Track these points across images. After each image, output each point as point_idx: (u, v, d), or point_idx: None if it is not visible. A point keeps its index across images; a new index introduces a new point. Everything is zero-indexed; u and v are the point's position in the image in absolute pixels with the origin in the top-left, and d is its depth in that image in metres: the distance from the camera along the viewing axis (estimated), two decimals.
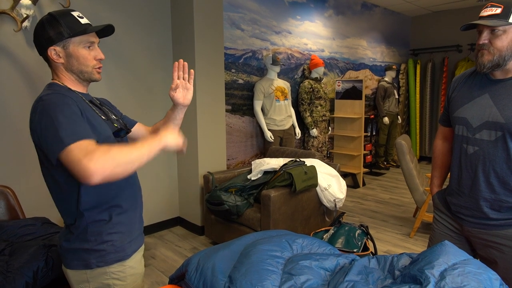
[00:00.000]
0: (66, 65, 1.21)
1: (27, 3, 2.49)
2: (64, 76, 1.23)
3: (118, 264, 1.23)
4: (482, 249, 1.52)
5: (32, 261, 1.69)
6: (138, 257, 1.31)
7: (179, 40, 3.42)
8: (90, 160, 0.97)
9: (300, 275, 1.10)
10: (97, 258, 1.19)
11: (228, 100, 3.88)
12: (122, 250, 1.23)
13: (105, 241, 1.20)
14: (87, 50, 1.22)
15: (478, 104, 1.44)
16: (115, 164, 1.00)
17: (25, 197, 2.60)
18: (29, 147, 2.65)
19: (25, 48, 2.62)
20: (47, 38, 1.18)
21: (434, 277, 0.94)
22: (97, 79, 1.26)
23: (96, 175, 0.97)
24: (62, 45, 1.19)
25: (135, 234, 1.30)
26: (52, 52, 1.19)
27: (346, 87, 5.22)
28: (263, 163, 3.19)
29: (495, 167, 1.40)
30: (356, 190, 5.08)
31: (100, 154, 0.98)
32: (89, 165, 0.96)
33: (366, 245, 2.40)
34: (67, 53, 1.19)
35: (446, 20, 6.49)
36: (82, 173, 0.97)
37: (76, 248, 1.19)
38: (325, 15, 5.08)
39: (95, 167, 0.96)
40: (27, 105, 2.64)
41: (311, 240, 1.33)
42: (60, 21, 1.18)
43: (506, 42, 1.32)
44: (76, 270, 1.21)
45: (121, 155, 1.02)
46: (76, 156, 0.99)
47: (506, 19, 1.30)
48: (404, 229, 3.67)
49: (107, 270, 1.21)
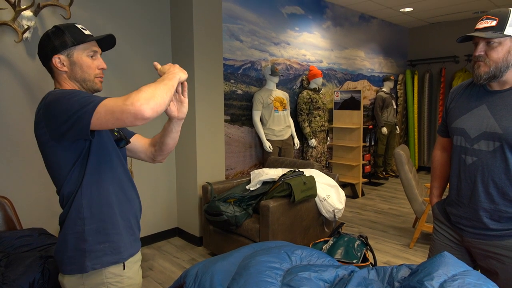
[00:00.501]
0: (69, 73, 1.23)
1: (29, 15, 2.52)
2: (67, 84, 1.25)
3: (115, 273, 1.21)
4: (483, 260, 1.51)
5: (28, 272, 1.68)
6: (136, 268, 1.30)
7: (178, 50, 3.45)
8: (129, 99, 0.98)
9: (299, 287, 1.09)
10: (92, 260, 1.18)
11: (227, 110, 3.90)
12: (118, 252, 1.23)
13: (102, 241, 1.19)
14: (90, 59, 1.25)
15: (476, 115, 1.45)
16: (152, 95, 1.00)
17: (23, 208, 2.58)
18: (28, 157, 2.65)
19: (25, 59, 2.63)
20: (52, 47, 1.21)
21: None
22: (98, 88, 1.29)
23: (145, 108, 0.97)
24: (67, 53, 1.22)
25: (132, 238, 1.30)
26: (56, 61, 1.21)
27: (344, 98, 5.25)
28: (262, 173, 3.19)
29: (494, 178, 1.41)
30: (355, 200, 5.07)
31: (135, 92, 1.00)
32: (133, 102, 0.97)
33: (365, 256, 2.38)
34: (71, 61, 1.22)
35: (443, 32, 6.56)
36: (132, 112, 0.97)
37: (72, 249, 1.18)
38: (323, 27, 5.13)
39: (139, 101, 0.97)
40: (27, 115, 2.65)
41: (310, 251, 1.32)
42: (64, 31, 1.22)
43: (502, 53, 1.34)
44: (72, 276, 1.19)
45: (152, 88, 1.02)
46: (114, 104, 1.00)
47: (501, 31, 1.32)
48: (404, 239, 3.65)
49: (104, 279, 1.20)
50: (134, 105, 0.97)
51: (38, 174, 2.67)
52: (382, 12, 5.78)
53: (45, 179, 2.58)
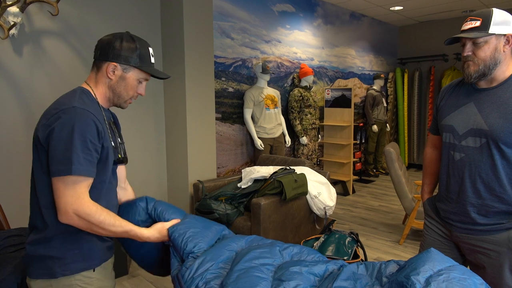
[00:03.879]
0: (113, 83, 1.24)
1: (15, 11, 2.47)
2: (102, 89, 1.25)
3: (84, 275, 1.18)
4: (470, 254, 1.53)
5: (16, 272, 1.65)
6: (107, 271, 1.27)
7: (169, 48, 3.42)
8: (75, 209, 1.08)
9: (289, 281, 1.11)
10: (62, 266, 1.15)
11: (218, 108, 3.88)
12: (89, 259, 1.20)
13: (72, 248, 1.16)
14: (137, 83, 1.28)
15: (464, 112, 1.48)
16: (90, 228, 1.12)
17: (10, 208, 2.54)
18: (15, 157, 2.61)
19: (12, 56, 2.58)
20: (117, 54, 1.21)
21: (420, 283, 0.95)
22: (124, 107, 1.31)
23: (68, 221, 1.10)
24: (124, 68, 1.23)
25: (106, 244, 1.26)
26: (110, 67, 1.22)
27: (335, 96, 5.27)
28: (253, 171, 3.19)
29: (481, 173, 1.44)
30: (346, 198, 5.10)
31: (85, 212, 1.09)
32: (70, 213, 1.08)
33: (356, 252, 2.40)
34: (123, 76, 1.24)
35: (432, 30, 6.64)
36: (61, 210, 1.08)
37: (41, 255, 1.15)
38: (314, 25, 5.15)
39: (72, 218, 1.09)
40: (14, 115, 2.60)
41: (300, 249, 1.35)
42: (137, 48, 1.24)
43: (489, 52, 1.38)
44: (40, 280, 1.16)
45: (101, 226, 1.13)
46: (67, 193, 1.08)
47: (485, 30, 1.37)
48: (394, 236, 3.69)
49: (73, 281, 1.16)
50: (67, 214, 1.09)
51: (26, 174, 2.62)
52: (372, 10, 5.81)
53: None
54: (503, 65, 1.40)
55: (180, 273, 1.21)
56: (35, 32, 2.67)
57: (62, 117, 1.09)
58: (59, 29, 2.78)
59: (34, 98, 2.67)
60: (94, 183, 1.17)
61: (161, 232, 1.28)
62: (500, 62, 1.39)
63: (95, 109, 1.18)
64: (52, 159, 1.09)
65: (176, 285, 1.22)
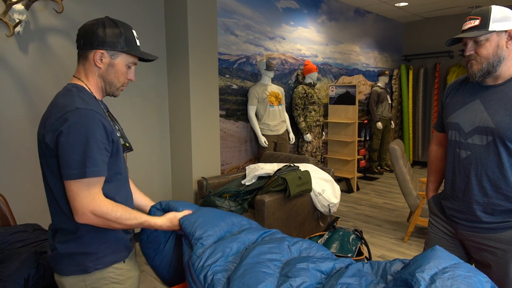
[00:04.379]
0: (102, 71, 1.21)
1: (20, 8, 2.48)
2: (93, 79, 1.22)
3: (116, 267, 1.22)
4: (476, 252, 1.53)
5: (23, 268, 1.67)
6: (133, 259, 1.32)
7: (173, 45, 3.43)
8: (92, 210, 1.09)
9: (296, 277, 1.11)
10: (95, 261, 1.17)
11: (222, 105, 3.88)
12: (118, 251, 1.23)
13: (102, 242, 1.19)
14: (126, 68, 1.25)
15: (470, 110, 1.47)
16: (107, 224, 1.14)
17: (16, 204, 2.56)
18: (21, 154, 2.63)
19: (17, 54, 2.60)
20: (102, 41, 1.18)
21: (425, 281, 0.95)
22: (116, 95, 1.29)
23: (85, 221, 1.11)
24: (112, 54, 1.20)
25: (129, 236, 1.31)
26: (97, 55, 1.18)
27: (339, 92, 5.25)
28: (257, 168, 3.19)
29: (487, 171, 1.43)
30: (350, 195, 5.10)
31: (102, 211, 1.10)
32: (88, 213, 1.09)
33: (360, 249, 2.40)
34: (111, 63, 1.21)
35: (437, 27, 6.58)
36: (78, 212, 1.09)
37: (72, 252, 1.17)
38: (318, 21, 5.12)
39: (90, 218, 1.10)
40: (20, 112, 2.62)
41: (309, 244, 1.35)
42: (122, 32, 1.21)
43: (491, 49, 1.37)
44: (73, 276, 1.18)
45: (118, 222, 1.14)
46: (82, 195, 1.08)
47: (485, 28, 1.36)
48: (398, 233, 3.68)
49: (106, 274, 1.20)
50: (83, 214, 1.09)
51: (32, 170, 2.64)
52: (377, 6, 5.78)
53: (38, 175, 2.56)
54: (507, 62, 1.39)
55: (191, 261, 1.24)
56: (40, 30, 2.68)
57: (69, 119, 1.08)
58: (63, 26, 2.79)
59: (39, 95, 2.69)
60: (111, 178, 1.19)
61: (172, 221, 1.32)
62: (504, 59, 1.38)
63: (95, 105, 1.17)
64: (63, 163, 1.08)
65: (187, 272, 1.25)
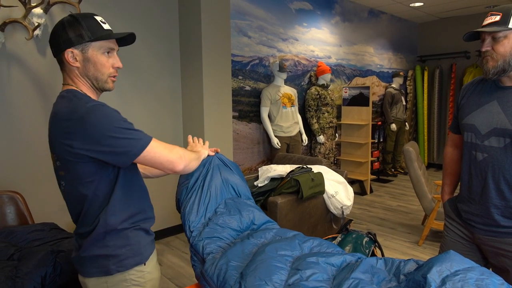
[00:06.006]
0: (81, 69, 1.15)
1: (39, 12, 2.54)
2: (79, 81, 1.17)
3: (137, 270, 1.23)
4: (494, 257, 1.49)
5: (40, 266, 1.70)
6: (154, 262, 1.31)
7: (186, 47, 3.46)
8: (178, 157, 1.21)
9: (306, 269, 1.13)
10: (117, 263, 1.18)
11: (235, 106, 3.90)
12: (139, 253, 1.23)
13: (124, 245, 1.19)
14: (106, 57, 1.17)
15: (486, 111, 1.44)
16: (190, 163, 1.29)
17: (34, 203, 2.62)
18: (39, 153, 2.69)
19: (36, 56, 2.66)
20: (66, 39, 1.12)
21: (436, 282, 0.95)
22: (110, 88, 1.22)
23: (182, 164, 1.22)
24: (81, 48, 1.13)
25: (150, 238, 1.31)
26: (69, 55, 1.13)
27: (353, 94, 5.21)
28: (270, 169, 3.19)
29: (505, 174, 1.39)
30: (364, 197, 5.05)
31: (182, 153, 1.24)
32: (181, 162, 1.21)
33: (374, 253, 2.37)
34: (85, 57, 1.14)
35: (453, 27, 6.47)
36: (176, 168, 1.21)
37: (94, 255, 1.18)
38: (331, 22, 5.10)
39: (184, 163, 1.23)
40: (38, 113, 2.68)
41: (320, 241, 1.36)
42: (82, 23, 1.12)
43: (509, 47, 1.34)
44: (96, 278, 1.20)
45: (193, 158, 1.34)
46: (162, 153, 1.16)
47: (505, 25, 1.33)
48: (413, 237, 3.63)
49: (127, 276, 1.20)
50: (180, 164, 1.21)
51: (49, 170, 2.70)
52: (391, 7, 5.71)
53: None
54: None
55: (204, 268, 1.26)
56: None
57: (84, 117, 1.05)
58: None
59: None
60: (126, 176, 1.19)
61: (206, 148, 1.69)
62: None
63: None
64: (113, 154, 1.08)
65: (201, 281, 1.26)
